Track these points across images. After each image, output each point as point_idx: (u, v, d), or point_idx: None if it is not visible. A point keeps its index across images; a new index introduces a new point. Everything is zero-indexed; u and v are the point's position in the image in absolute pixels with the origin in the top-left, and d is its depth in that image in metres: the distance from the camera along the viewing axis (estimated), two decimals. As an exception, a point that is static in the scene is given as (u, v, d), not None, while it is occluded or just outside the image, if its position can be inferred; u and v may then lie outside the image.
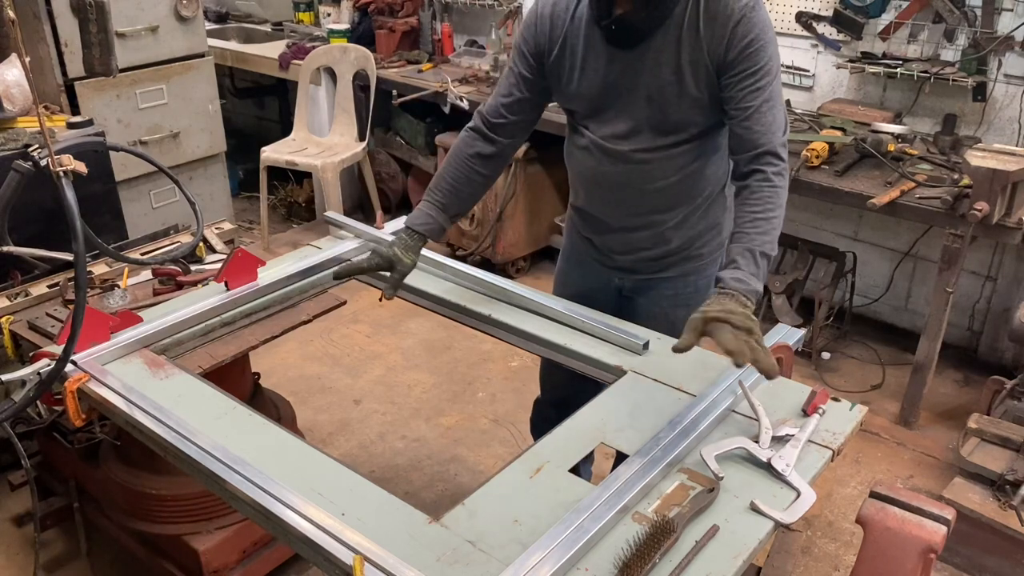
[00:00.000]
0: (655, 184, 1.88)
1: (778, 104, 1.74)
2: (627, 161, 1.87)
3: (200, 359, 1.89)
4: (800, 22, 3.65)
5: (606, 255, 2.08)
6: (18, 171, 2.25)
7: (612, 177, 1.91)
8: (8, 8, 1.52)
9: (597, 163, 1.92)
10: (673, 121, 1.80)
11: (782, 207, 1.72)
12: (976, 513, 2.44)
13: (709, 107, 1.78)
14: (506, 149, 2.00)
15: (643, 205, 1.93)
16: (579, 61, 1.83)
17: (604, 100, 1.84)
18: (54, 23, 3.38)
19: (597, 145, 1.89)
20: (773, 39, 1.74)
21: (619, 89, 1.81)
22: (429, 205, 1.97)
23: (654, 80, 1.77)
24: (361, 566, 1.24)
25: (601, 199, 2.00)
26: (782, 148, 1.73)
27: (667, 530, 1.30)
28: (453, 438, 3.10)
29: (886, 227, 3.67)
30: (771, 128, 1.72)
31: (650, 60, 1.76)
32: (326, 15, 5.27)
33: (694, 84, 1.75)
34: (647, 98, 1.79)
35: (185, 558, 2.17)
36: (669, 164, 1.85)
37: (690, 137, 1.83)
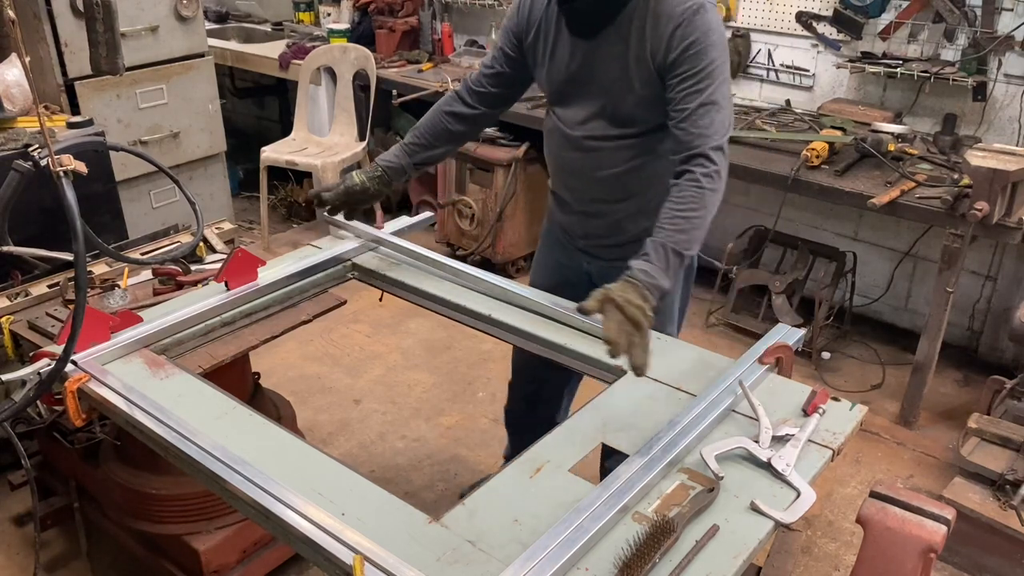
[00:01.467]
0: (603, 172, 1.96)
1: (718, 107, 1.76)
2: (580, 147, 1.97)
3: (200, 359, 1.89)
4: (800, 22, 3.65)
5: (571, 237, 2.17)
6: (18, 171, 2.25)
7: (568, 161, 2.03)
8: (8, 8, 1.52)
9: (559, 146, 2.04)
10: (622, 114, 1.88)
11: (707, 208, 1.74)
12: (976, 513, 2.44)
13: (654, 105, 1.83)
14: (481, 117, 2.12)
15: (594, 191, 2.02)
16: (550, 47, 1.93)
17: (567, 87, 1.94)
18: (54, 23, 3.38)
19: (558, 128, 2.01)
20: (718, 43, 1.77)
21: (579, 78, 1.90)
22: (399, 147, 2.12)
23: (606, 73, 1.85)
24: (361, 566, 1.24)
25: (563, 181, 2.12)
26: (715, 152, 1.75)
27: (667, 530, 1.30)
28: (453, 438, 3.10)
29: (886, 227, 3.67)
30: (706, 131, 1.75)
31: (604, 53, 1.84)
32: (326, 15, 5.27)
33: (639, 82, 1.82)
34: (601, 90, 1.88)
35: (185, 558, 2.17)
36: (617, 155, 1.93)
37: (638, 132, 1.90)
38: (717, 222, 4.37)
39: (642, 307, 1.57)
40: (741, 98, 3.95)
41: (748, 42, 3.86)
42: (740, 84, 3.97)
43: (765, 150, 3.36)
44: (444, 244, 4.41)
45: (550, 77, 1.96)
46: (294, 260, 2.20)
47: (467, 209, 4.20)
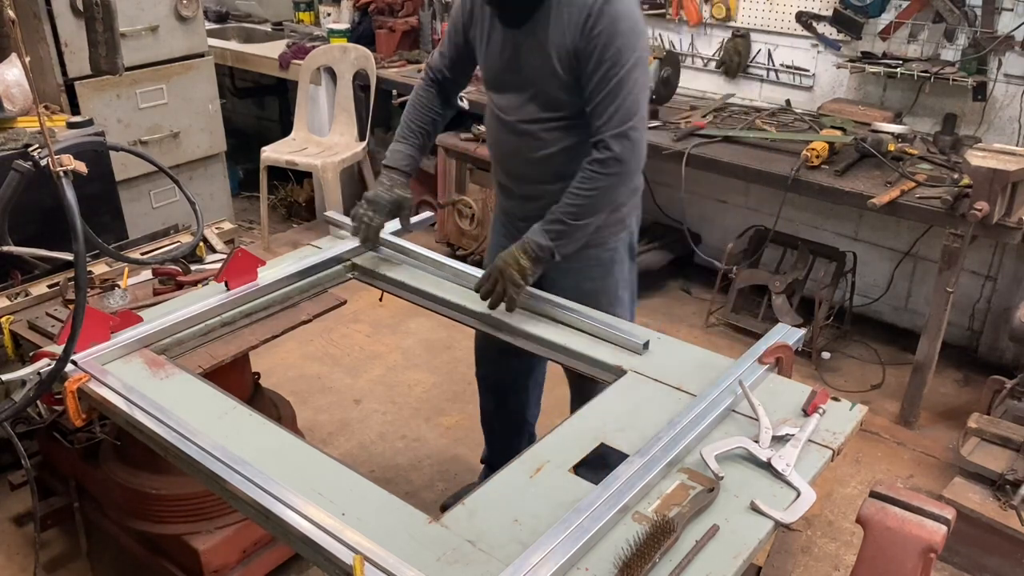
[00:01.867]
0: (537, 154, 2.07)
1: (624, 95, 1.87)
2: (515, 131, 2.08)
3: (200, 359, 1.89)
4: (800, 22, 3.65)
5: (514, 221, 2.24)
6: (18, 171, 2.25)
7: (506, 145, 2.15)
8: (8, 8, 1.52)
9: (497, 132, 2.15)
10: (551, 99, 1.99)
11: (598, 190, 1.92)
12: (976, 513, 2.44)
13: (577, 90, 1.93)
14: (451, 96, 2.30)
15: (531, 174, 2.13)
16: (485, 37, 2.06)
17: (500, 75, 2.07)
18: (54, 23, 3.38)
19: (495, 115, 2.13)
20: (630, 31, 1.87)
21: (511, 66, 2.02)
22: (407, 146, 2.23)
23: (533, 60, 1.96)
24: (361, 566, 1.24)
25: (503, 166, 2.22)
26: (615, 139, 1.88)
27: (667, 530, 1.30)
28: (453, 438, 3.10)
29: (886, 227, 3.67)
30: (610, 118, 1.87)
31: (530, 41, 1.94)
32: (326, 15, 5.27)
33: (562, 68, 1.92)
34: (530, 76, 1.99)
35: (185, 558, 2.17)
36: (550, 137, 2.04)
37: (568, 115, 2.00)
38: (717, 222, 4.38)
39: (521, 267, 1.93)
40: (741, 98, 3.95)
41: (748, 42, 3.86)
42: (740, 84, 3.97)
43: (765, 150, 3.36)
44: (444, 244, 4.41)
45: (486, 65, 2.11)
46: (294, 260, 2.20)
47: (467, 209, 4.20)
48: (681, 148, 3.38)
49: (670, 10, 3.99)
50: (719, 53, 3.96)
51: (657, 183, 4.32)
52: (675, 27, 4.07)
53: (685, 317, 3.96)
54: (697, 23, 3.95)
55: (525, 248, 1.95)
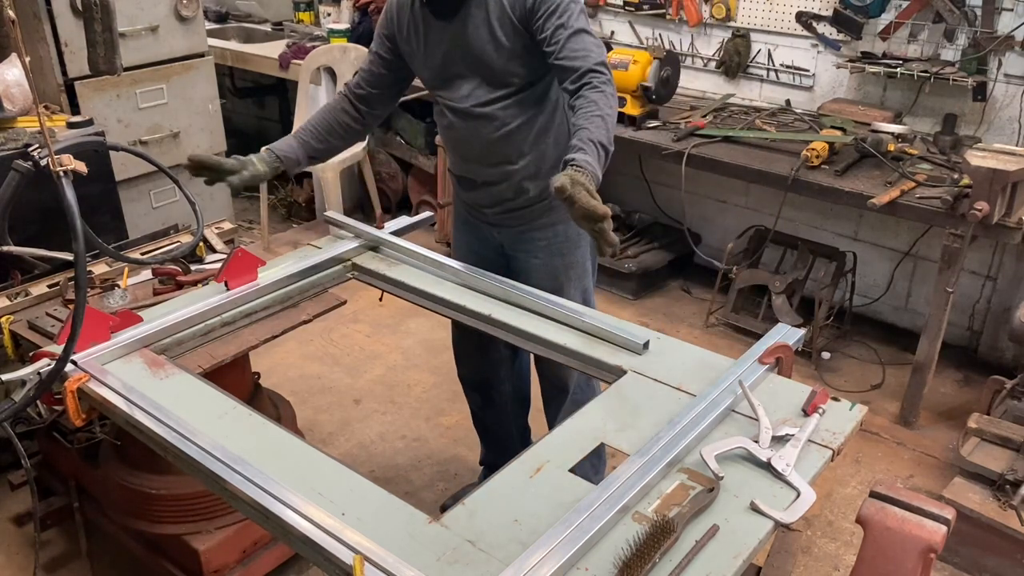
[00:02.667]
0: (496, 134, 2.10)
1: (585, 32, 1.93)
2: (469, 116, 2.11)
3: (200, 359, 1.89)
4: (800, 22, 3.65)
5: (479, 211, 2.30)
6: (18, 171, 2.25)
7: (463, 133, 2.17)
8: (8, 8, 1.52)
9: (450, 124, 2.17)
10: (499, 75, 2.04)
11: (613, 108, 1.87)
12: (976, 513, 2.44)
13: (525, 57, 2.01)
14: (366, 117, 2.28)
15: (493, 156, 2.15)
16: (421, 40, 2.11)
17: (445, 69, 2.10)
18: (54, 23, 3.37)
19: (448, 107, 2.15)
20: None
21: (453, 56, 2.07)
22: (295, 140, 2.22)
23: (475, 42, 2.01)
24: (361, 566, 1.24)
25: (462, 157, 2.25)
26: (601, 65, 1.91)
27: (667, 530, 1.30)
28: (453, 438, 3.10)
29: (886, 227, 3.67)
30: (586, 51, 1.91)
31: (469, 26, 2.01)
32: (326, 15, 5.27)
33: (505, 38, 1.98)
34: (475, 59, 2.04)
35: (185, 558, 2.17)
36: (505, 114, 2.08)
37: (518, 89, 2.06)
38: (717, 222, 4.37)
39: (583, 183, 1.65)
40: (741, 98, 3.95)
41: (748, 42, 3.86)
42: (740, 84, 3.97)
43: (765, 150, 3.37)
44: (444, 244, 4.41)
45: (428, 65, 2.13)
46: (294, 260, 2.20)
47: (467, 209, 4.19)
48: (681, 148, 3.38)
49: (670, 10, 3.99)
50: (719, 53, 3.96)
51: (657, 183, 4.32)
52: (675, 27, 4.07)
53: (685, 317, 3.96)
54: (697, 23, 3.95)
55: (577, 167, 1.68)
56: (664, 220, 4.32)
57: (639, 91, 3.56)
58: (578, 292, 2.28)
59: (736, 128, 3.54)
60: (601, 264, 3.56)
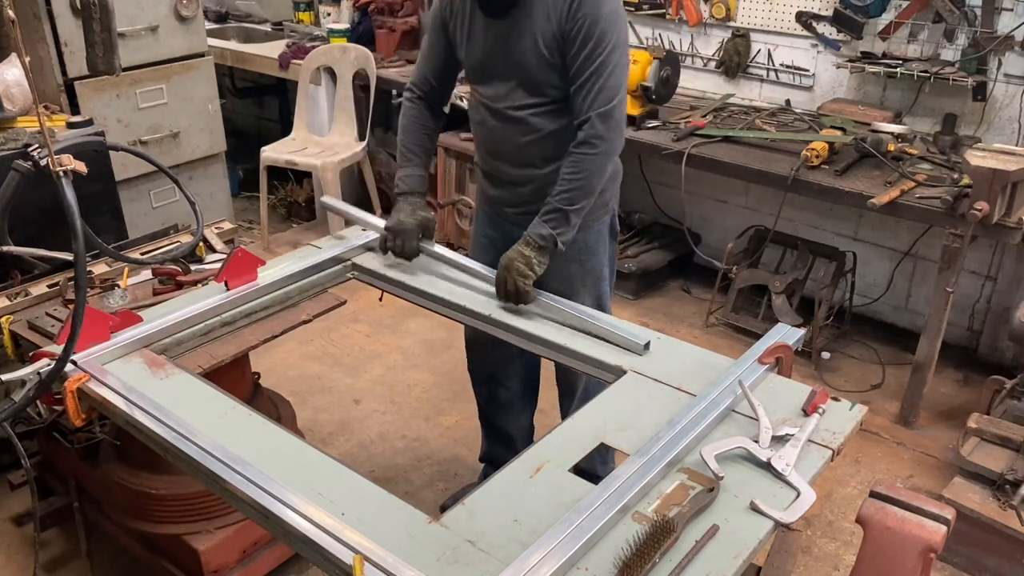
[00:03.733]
0: (526, 138, 2.13)
1: (608, 76, 1.96)
2: (502, 117, 2.14)
3: (200, 359, 1.89)
4: (800, 22, 3.65)
5: (501, 209, 2.33)
6: (18, 171, 2.25)
7: (494, 132, 2.20)
8: (8, 8, 1.52)
9: (483, 120, 2.21)
10: (537, 83, 2.06)
11: (587, 171, 2.01)
12: (976, 513, 2.44)
13: (563, 71, 2.02)
14: (438, 107, 2.35)
15: (520, 158, 2.18)
16: (467, 31, 2.12)
17: (485, 64, 2.12)
18: (54, 23, 3.37)
19: (483, 104, 2.19)
20: (611, 15, 1.97)
21: (495, 55, 2.08)
22: (413, 168, 2.28)
23: (518, 46, 2.03)
24: (361, 566, 1.24)
25: (491, 154, 2.27)
26: (600, 118, 1.98)
27: (667, 530, 1.30)
28: (453, 438, 3.10)
29: (886, 227, 3.67)
30: (595, 97, 1.97)
31: (516, 29, 2.02)
32: (326, 15, 5.27)
33: (547, 50, 2.00)
34: (515, 63, 2.05)
35: (185, 558, 2.17)
36: (537, 121, 2.11)
37: (553, 99, 2.07)
38: (717, 222, 4.37)
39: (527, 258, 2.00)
40: (741, 98, 3.95)
41: (748, 42, 3.86)
42: (740, 84, 3.97)
43: (765, 150, 3.36)
44: (444, 244, 4.40)
45: (469, 57, 2.16)
46: (294, 260, 2.20)
47: (467, 209, 4.20)
48: (681, 148, 3.38)
49: (670, 10, 3.99)
50: (719, 53, 3.96)
51: (657, 183, 4.32)
52: (675, 27, 4.07)
53: (685, 317, 3.96)
54: (697, 23, 3.95)
55: (528, 241, 2.03)
56: (664, 220, 4.32)
57: (639, 91, 3.56)
58: (591, 298, 2.28)
59: (736, 128, 3.54)
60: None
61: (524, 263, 2.00)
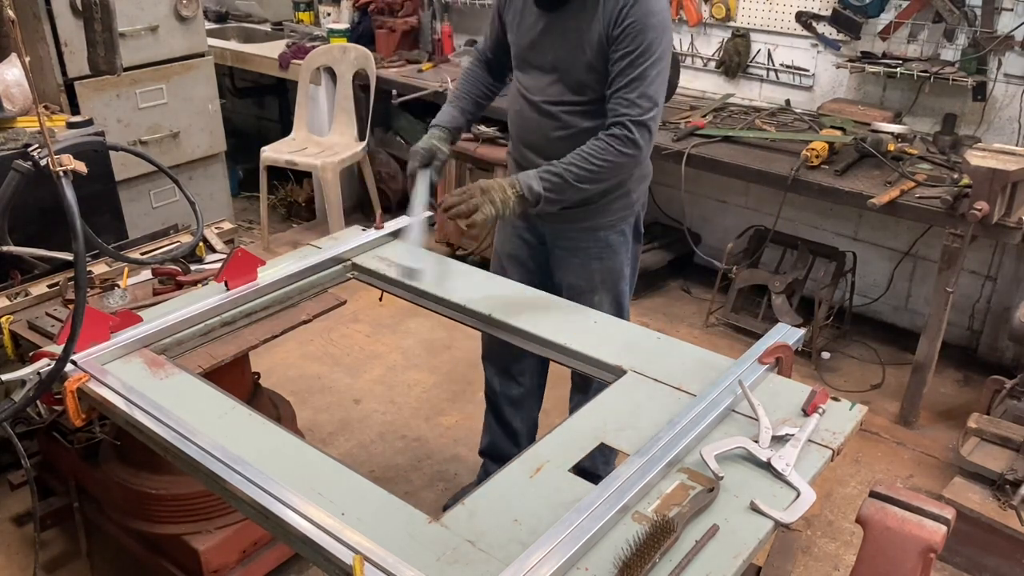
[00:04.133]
0: (557, 134, 2.15)
1: (649, 85, 1.97)
2: (538, 109, 2.16)
3: (200, 359, 1.89)
4: (800, 22, 3.65)
5: None
6: (18, 171, 2.25)
7: (527, 123, 2.22)
8: (8, 8, 1.52)
9: (519, 108, 2.24)
10: (576, 82, 2.08)
11: (611, 163, 1.99)
12: (976, 513, 2.44)
13: (603, 74, 2.03)
14: (502, 75, 2.38)
15: (550, 151, 2.14)
16: (518, 16, 2.15)
17: (529, 53, 2.15)
18: (54, 23, 3.38)
19: (520, 93, 2.22)
20: (656, 25, 1.98)
21: (540, 46, 2.11)
22: (454, 108, 2.32)
23: (564, 42, 2.05)
24: (361, 566, 1.24)
25: (523, 144, 2.29)
26: (636, 125, 1.98)
27: (667, 530, 1.30)
28: (453, 438, 3.10)
29: (886, 227, 3.67)
30: (632, 104, 1.97)
31: (563, 24, 2.04)
32: (326, 15, 5.27)
33: (591, 52, 2.02)
34: (558, 58, 2.08)
35: (185, 558, 2.17)
36: (570, 119, 2.12)
37: (591, 100, 2.08)
38: (717, 222, 4.37)
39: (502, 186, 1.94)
40: (741, 98, 3.95)
41: (748, 42, 3.86)
42: (740, 84, 3.97)
43: (765, 150, 3.37)
44: (444, 244, 4.41)
45: (516, 43, 2.19)
46: (294, 260, 2.20)
47: (467, 209, 4.19)
48: (681, 148, 3.38)
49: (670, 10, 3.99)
50: (719, 53, 3.96)
51: (657, 183, 4.29)
52: (675, 27, 4.06)
53: (685, 317, 3.96)
54: (697, 23, 3.95)
55: (514, 184, 1.97)
56: (664, 220, 4.31)
57: (639, 91, 3.56)
58: (610, 297, 2.32)
59: (736, 128, 3.54)
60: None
61: (501, 197, 1.92)
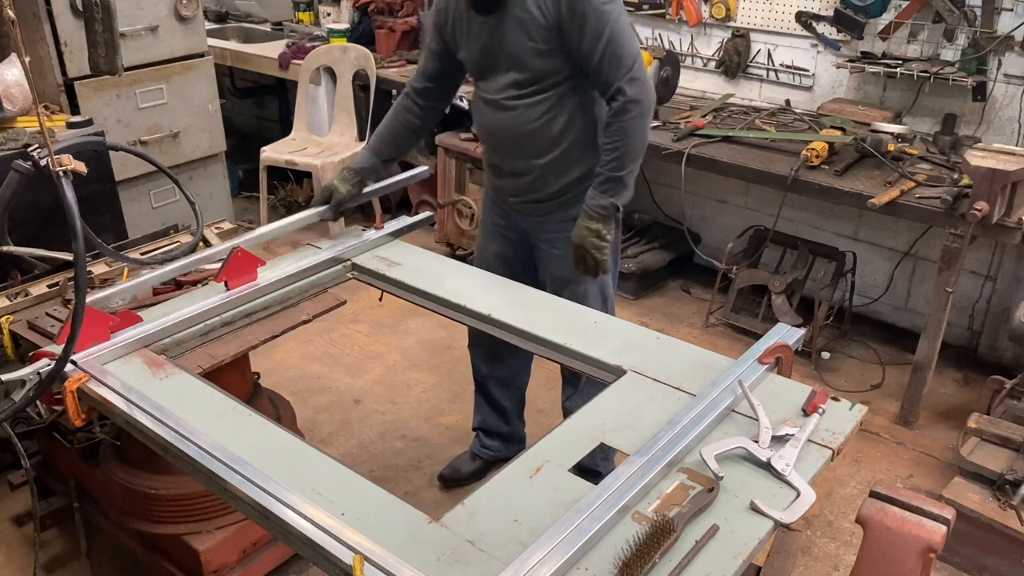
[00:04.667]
0: (524, 128, 2.21)
1: (620, 42, 2.04)
2: (500, 108, 2.23)
3: (200, 359, 1.89)
4: (800, 22, 3.65)
5: (505, 198, 2.42)
6: (18, 171, 2.25)
7: (493, 124, 2.29)
8: (8, 8, 1.52)
9: (483, 114, 2.31)
10: (529, 73, 2.14)
11: (628, 135, 2.08)
12: (976, 513, 2.44)
13: (553, 57, 2.10)
14: (428, 111, 2.44)
15: (519, 149, 2.27)
16: (464, 32, 2.22)
17: (483, 60, 2.22)
18: (54, 23, 3.37)
19: (482, 98, 2.29)
20: None
21: (491, 49, 2.17)
22: (368, 150, 2.40)
23: (510, 38, 2.11)
24: (361, 566, 1.24)
25: (492, 146, 2.39)
26: (628, 84, 2.05)
27: (667, 530, 1.30)
28: (453, 438, 3.10)
29: (886, 227, 3.67)
30: (616, 66, 2.04)
31: (506, 23, 2.10)
32: (326, 15, 5.27)
33: (539, 38, 2.08)
34: (509, 54, 2.14)
35: (185, 558, 2.17)
36: (532, 111, 2.19)
37: (547, 87, 2.16)
38: (717, 222, 4.37)
39: (596, 229, 2.14)
40: (741, 98, 3.95)
41: (748, 42, 3.86)
42: (740, 84, 3.97)
43: (765, 150, 3.37)
44: (444, 244, 4.41)
45: (469, 56, 2.25)
46: (294, 260, 2.20)
47: (467, 209, 4.20)
48: (681, 148, 3.38)
49: (670, 10, 3.99)
50: (719, 53, 3.96)
51: (657, 183, 4.32)
52: (675, 27, 4.07)
53: (685, 317, 3.96)
54: (697, 23, 3.95)
55: (590, 214, 2.14)
56: (664, 220, 4.32)
57: (639, 91, 3.56)
58: (595, 285, 2.35)
59: (736, 128, 3.54)
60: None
61: (595, 235, 2.13)
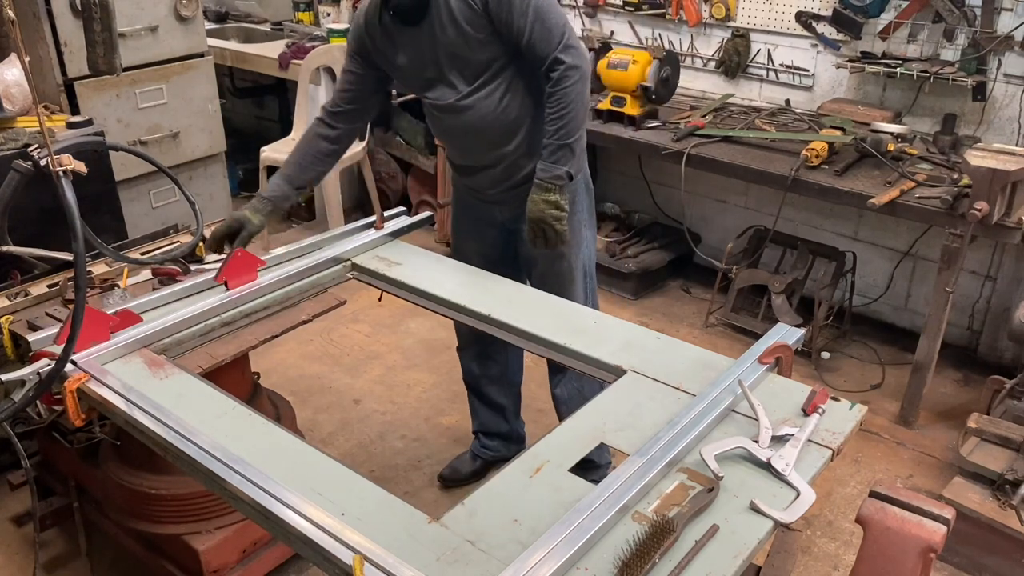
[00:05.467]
0: (484, 121, 2.19)
1: (547, 16, 2.03)
2: (455, 110, 2.19)
3: (200, 359, 1.89)
4: (800, 22, 3.65)
5: (480, 193, 2.39)
6: (18, 171, 2.25)
7: (455, 128, 2.26)
8: (8, 8, 1.52)
9: (441, 121, 2.27)
10: (473, 66, 2.13)
11: (571, 102, 2.06)
12: (976, 513, 2.44)
13: (492, 43, 2.09)
14: (343, 135, 2.36)
15: (486, 142, 2.25)
16: (395, 50, 2.19)
17: (423, 72, 2.19)
18: (54, 23, 3.37)
19: (434, 107, 2.25)
20: None
21: (429, 59, 2.15)
22: (279, 178, 2.32)
23: (444, 39, 2.10)
24: (361, 566, 1.24)
25: (458, 148, 2.37)
26: (564, 51, 2.04)
27: (667, 530, 1.30)
28: (453, 438, 3.10)
29: (886, 227, 3.67)
30: (547, 39, 2.04)
31: (436, 26, 2.09)
32: (326, 15, 5.27)
33: (471, 29, 2.07)
34: (449, 56, 2.13)
35: (185, 558, 2.17)
36: (487, 102, 2.17)
37: (494, 75, 2.14)
38: (717, 222, 4.37)
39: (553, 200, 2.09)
40: (741, 98, 3.95)
41: (748, 42, 3.86)
42: (740, 84, 3.97)
43: (765, 150, 3.36)
44: (444, 244, 4.41)
45: (407, 74, 2.22)
46: (294, 260, 2.20)
47: (467, 209, 4.19)
48: (681, 148, 3.38)
49: (670, 10, 3.99)
50: (719, 53, 3.96)
51: (657, 183, 4.32)
52: (675, 27, 4.07)
53: (685, 317, 3.96)
54: (697, 23, 3.95)
55: (544, 186, 2.10)
56: (664, 220, 4.32)
57: (639, 91, 3.56)
58: (579, 266, 2.36)
59: (736, 128, 3.54)
60: (601, 264, 3.57)
61: (553, 207, 2.09)
